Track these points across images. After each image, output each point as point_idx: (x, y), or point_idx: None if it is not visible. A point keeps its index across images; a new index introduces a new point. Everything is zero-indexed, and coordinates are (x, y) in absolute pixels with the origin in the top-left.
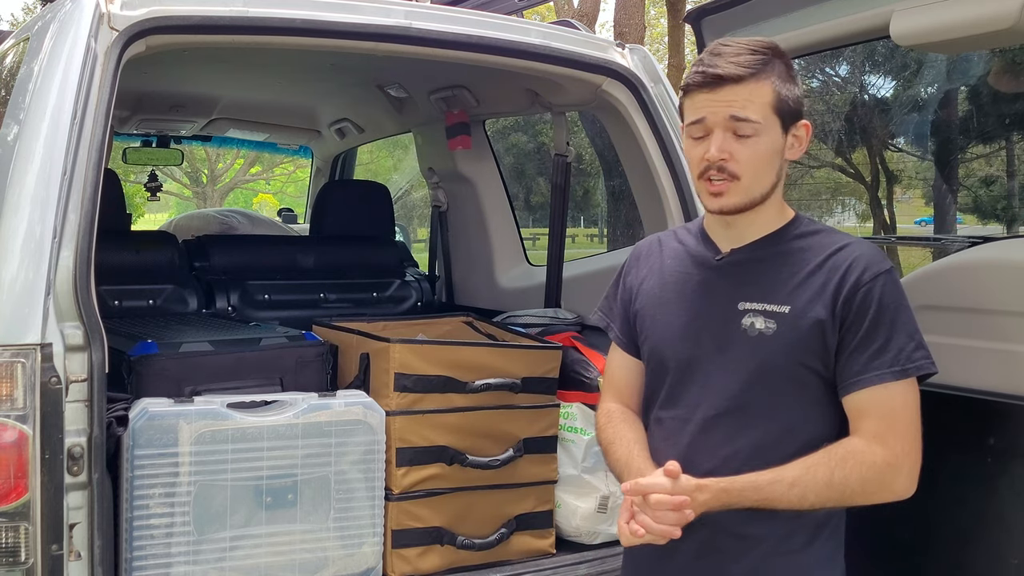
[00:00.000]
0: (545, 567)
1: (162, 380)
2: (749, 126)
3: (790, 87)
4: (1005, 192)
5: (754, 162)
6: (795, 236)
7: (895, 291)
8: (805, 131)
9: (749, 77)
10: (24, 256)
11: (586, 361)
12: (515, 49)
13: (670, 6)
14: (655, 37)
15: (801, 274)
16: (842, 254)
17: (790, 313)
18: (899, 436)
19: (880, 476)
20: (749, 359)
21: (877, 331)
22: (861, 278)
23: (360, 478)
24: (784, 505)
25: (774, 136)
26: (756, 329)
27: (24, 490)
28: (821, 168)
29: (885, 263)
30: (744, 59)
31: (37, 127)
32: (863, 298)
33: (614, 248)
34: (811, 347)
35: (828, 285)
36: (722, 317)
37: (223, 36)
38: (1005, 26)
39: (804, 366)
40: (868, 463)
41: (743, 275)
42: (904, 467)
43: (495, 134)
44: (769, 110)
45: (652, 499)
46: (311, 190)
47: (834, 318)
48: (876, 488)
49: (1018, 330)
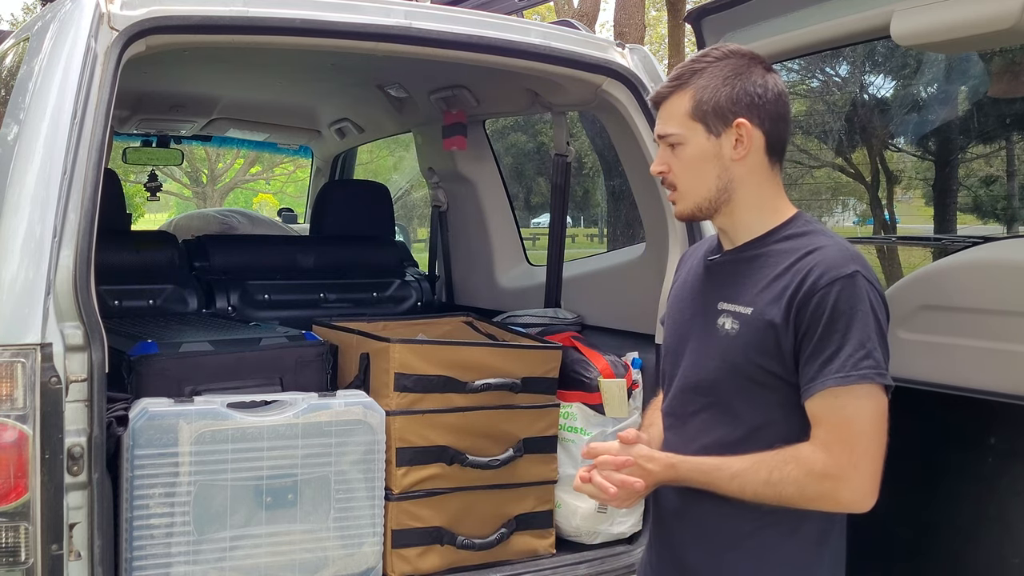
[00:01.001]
0: (545, 567)
1: (162, 380)
2: (672, 138)
3: (719, 90)
4: (1005, 192)
5: (684, 170)
6: (781, 238)
7: (852, 297)
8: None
9: (670, 94)
10: (24, 256)
11: (586, 361)
12: (515, 49)
13: (670, 6)
14: (655, 37)
15: (770, 276)
16: (809, 258)
17: (751, 315)
18: (846, 446)
19: (818, 484)
20: (718, 357)
21: (830, 338)
22: (817, 283)
23: (360, 478)
24: (725, 493)
25: (698, 141)
26: (725, 329)
27: (24, 490)
28: (821, 168)
29: (847, 268)
30: (674, 74)
31: (37, 127)
32: (817, 304)
33: (614, 248)
34: (765, 348)
35: (788, 289)
36: (705, 316)
37: (223, 36)
38: (1005, 26)
39: (760, 367)
40: (807, 469)
41: (725, 276)
42: (851, 479)
43: (495, 134)
44: (687, 118)
45: (599, 459)
46: (311, 190)
47: (788, 322)
48: (815, 495)
49: (1018, 330)
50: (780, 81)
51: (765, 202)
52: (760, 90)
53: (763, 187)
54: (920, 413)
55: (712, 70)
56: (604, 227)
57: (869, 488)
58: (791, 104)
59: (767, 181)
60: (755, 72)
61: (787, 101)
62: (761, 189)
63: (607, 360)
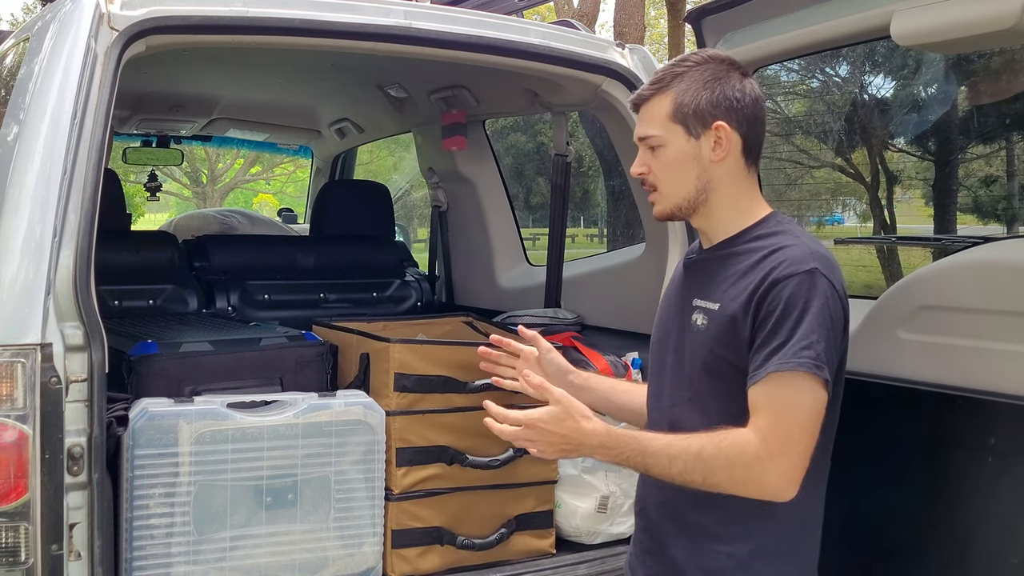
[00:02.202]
0: (545, 567)
1: (162, 380)
2: (652, 139)
3: (699, 93)
4: (1005, 192)
5: (664, 171)
6: (752, 238)
7: (807, 292)
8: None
9: (650, 96)
10: (24, 256)
11: (586, 361)
12: (515, 49)
13: (670, 6)
14: (655, 37)
15: (737, 273)
16: (774, 256)
17: (718, 310)
18: (779, 434)
19: (747, 465)
20: (691, 352)
21: (780, 330)
22: (776, 277)
23: (360, 478)
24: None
25: (678, 143)
26: (696, 325)
27: (24, 490)
28: (821, 168)
29: (806, 264)
30: (655, 78)
31: (37, 127)
32: (773, 297)
33: (614, 248)
34: (728, 341)
35: (750, 284)
36: (681, 313)
37: (223, 36)
38: (1005, 26)
39: (724, 360)
40: (739, 450)
41: (700, 274)
42: (778, 466)
43: (495, 134)
44: (667, 120)
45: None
46: (311, 190)
47: (746, 315)
48: (743, 477)
49: (1018, 330)
50: (756, 86)
51: (740, 203)
52: (739, 94)
53: (739, 188)
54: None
55: (692, 74)
56: (604, 227)
57: (794, 478)
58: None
59: (743, 182)
60: (733, 77)
61: (763, 106)
62: (737, 190)
63: (607, 360)
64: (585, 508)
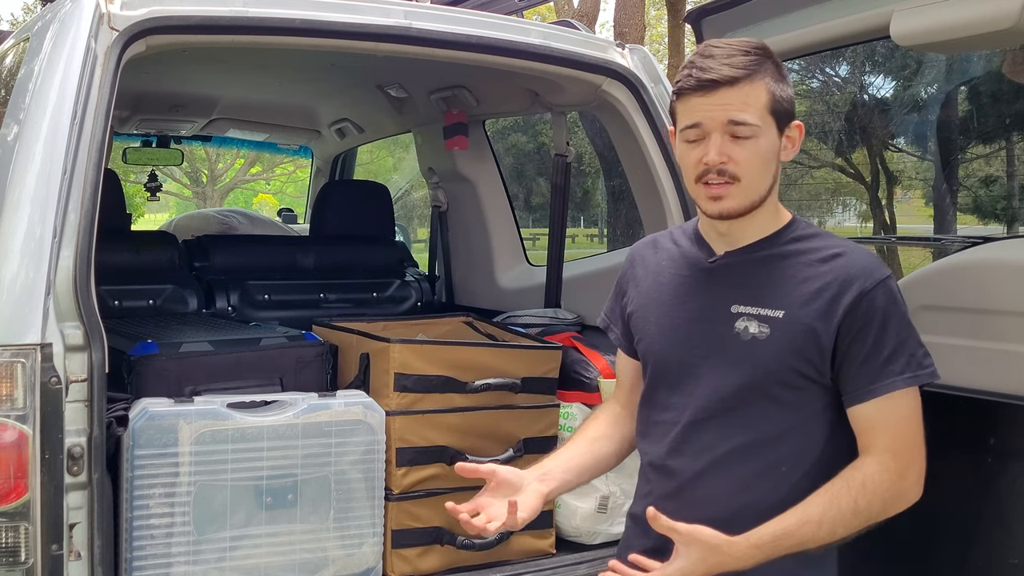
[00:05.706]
0: (545, 567)
1: (162, 380)
2: (747, 128)
3: (783, 87)
4: (1005, 192)
5: (753, 164)
6: (791, 239)
7: (898, 298)
8: (798, 132)
9: (744, 79)
10: (24, 256)
11: (586, 361)
12: (515, 49)
13: (670, 6)
14: (655, 37)
15: (797, 278)
16: (840, 261)
17: (784, 318)
18: (908, 446)
19: (897, 492)
20: (742, 363)
21: (885, 339)
22: (864, 286)
23: (360, 478)
24: (817, 544)
25: (771, 137)
26: (750, 333)
27: (24, 490)
28: (821, 168)
29: (884, 269)
30: (737, 60)
31: (37, 127)
32: (868, 307)
33: (614, 248)
34: (804, 353)
35: (826, 291)
36: (714, 320)
37: (223, 36)
38: (1005, 26)
39: (796, 371)
40: (888, 483)
41: (736, 278)
42: (912, 475)
43: (495, 134)
44: (765, 112)
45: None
46: (311, 190)
47: (832, 326)
48: (895, 504)
49: (1018, 330)
50: None
51: (776, 204)
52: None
53: (776, 189)
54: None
55: (769, 66)
56: (604, 227)
57: (923, 477)
58: None
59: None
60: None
61: None
62: (776, 191)
63: (607, 360)
64: (585, 508)
